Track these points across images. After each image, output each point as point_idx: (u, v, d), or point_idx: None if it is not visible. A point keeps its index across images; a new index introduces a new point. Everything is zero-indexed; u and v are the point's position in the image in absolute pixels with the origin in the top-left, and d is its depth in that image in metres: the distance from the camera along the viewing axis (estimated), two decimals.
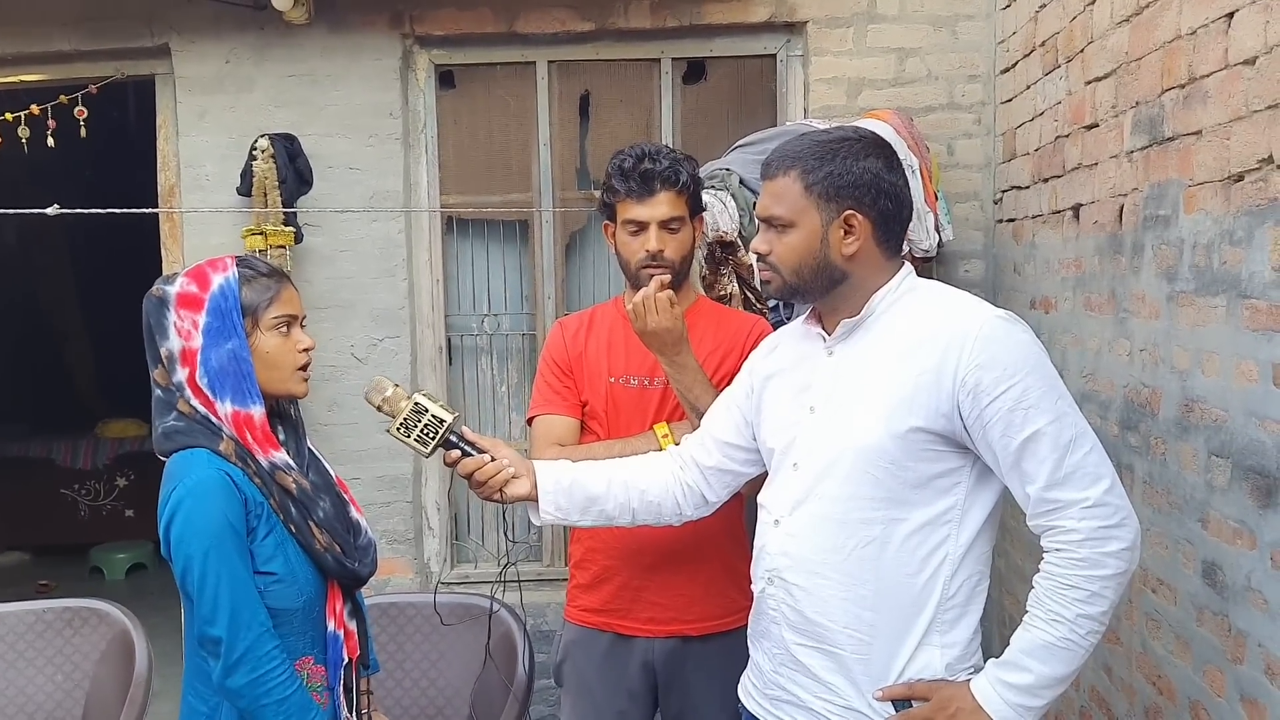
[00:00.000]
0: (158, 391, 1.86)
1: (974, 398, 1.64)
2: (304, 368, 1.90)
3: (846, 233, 1.74)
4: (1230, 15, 1.96)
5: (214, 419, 1.82)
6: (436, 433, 1.91)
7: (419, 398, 1.92)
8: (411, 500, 3.88)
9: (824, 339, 1.83)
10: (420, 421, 1.91)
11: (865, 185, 1.73)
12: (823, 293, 1.79)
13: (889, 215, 1.76)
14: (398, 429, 1.92)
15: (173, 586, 1.82)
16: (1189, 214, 2.15)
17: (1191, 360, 2.14)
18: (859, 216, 1.73)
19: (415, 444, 1.92)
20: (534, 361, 3.95)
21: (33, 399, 7.54)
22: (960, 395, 1.65)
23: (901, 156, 3.21)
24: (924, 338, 1.70)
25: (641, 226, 2.25)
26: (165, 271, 3.87)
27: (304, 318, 1.93)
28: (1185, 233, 2.17)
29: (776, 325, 2.70)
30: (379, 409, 1.94)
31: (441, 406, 1.92)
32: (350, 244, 3.77)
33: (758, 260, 1.84)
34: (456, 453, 1.95)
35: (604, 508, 2.03)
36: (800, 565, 1.78)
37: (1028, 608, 1.66)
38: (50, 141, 3.66)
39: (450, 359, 3.99)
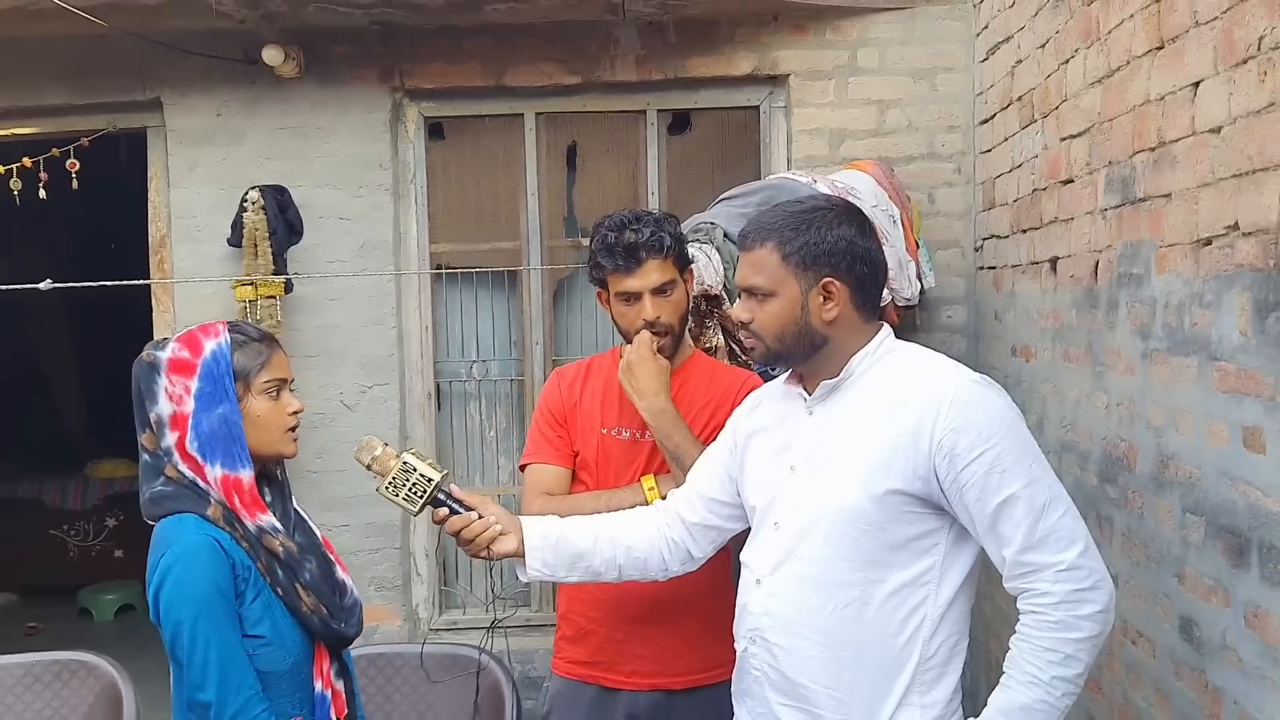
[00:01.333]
0: (145, 456, 1.87)
1: (950, 461, 1.68)
2: (293, 429, 1.93)
3: (826, 299, 1.78)
4: (1196, 85, 2.01)
5: (201, 483, 1.84)
6: (425, 491, 1.94)
7: (407, 456, 1.94)
8: (400, 547, 3.90)
9: (804, 399, 1.87)
10: (409, 480, 1.94)
11: (841, 253, 1.77)
12: (805, 357, 1.83)
13: (865, 279, 1.80)
14: (386, 488, 1.95)
15: None
16: (1160, 274, 2.20)
17: (1165, 417, 2.18)
18: (837, 283, 1.77)
19: (404, 502, 1.95)
20: (522, 407, 3.99)
21: (22, 439, 7.52)
22: (936, 458, 1.69)
23: (882, 206, 3.31)
24: (901, 400, 1.73)
25: (635, 296, 2.28)
26: (155, 319, 3.91)
27: (292, 381, 1.96)
28: (1157, 292, 2.22)
29: (764, 377, 2.74)
30: (368, 468, 1.96)
31: (430, 465, 1.95)
32: (340, 292, 3.81)
33: (741, 328, 1.88)
34: (444, 510, 1.97)
35: (590, 564, 2.05)
36: (781, 625, 1.80)
37: (1005, 669, 1.69)
38: (42, 194, 3.70)
39: (439, 405, 4.02)
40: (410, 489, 1.93)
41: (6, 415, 7.49)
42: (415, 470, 1.93)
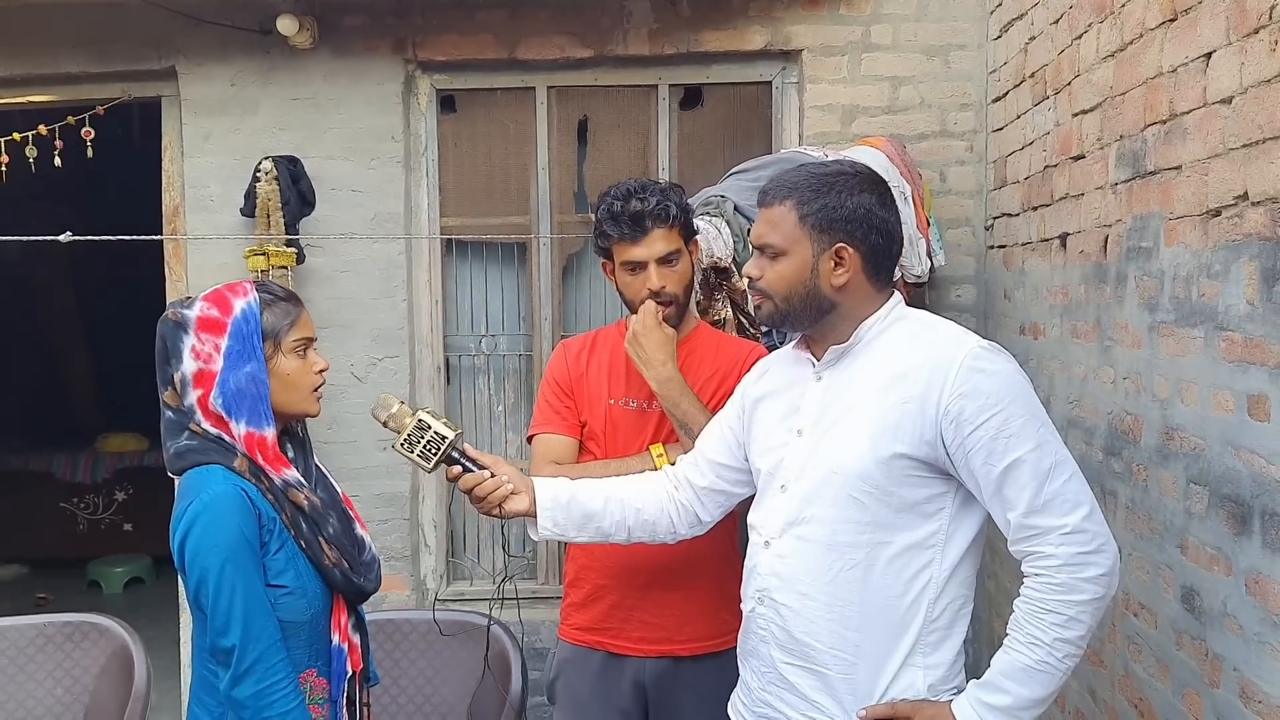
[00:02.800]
0: (169, 413, 1.90)
1: (957, 426, 1.69)
2: (318, 388, 1.97)
3: (837, 264, 1.79)
4: (1208, 55, 2.02)
5: (227, 438, 1.87)
6: (439, 449, 1.96)
7: (423, 415, 1.97)
8: (409, 518, 3.92)
9: (813, 364, 1.88)
10: (423, 438, 1.96)
11: (858, 220, 1.78)
12: (812, 321, 1.84)
13: (879, 249, 1.81)
14: (402, 444, 1.97)
15: (169, 601, 1.87)
16: (1169, 246, 2.21)
17: (1171, 389, 2.19)
18: (849, 249, 1.78)
19: (418, 459, 1.97)
20: (531, 382, 4.01)
21: (33, 413, 7.58)
22: (944, 423, 1.70)
23: (894, 183, 3.30)
24: (910, 366, 1.75)
25: (640, 266, 2.30)
26: (168, 288, 3.93)
27: (317, 340, 1.99)
28: (1166, 264, 2.23)
29: (770, 350, 2.76)
30: (384, 425, 1.99)
31: (444, 424, 1.97)
32: (351, 265, 3.83)
33: (750, 285, 1.89)
34: (458, 469, 2.00)
35: (600, 525, 2.07)
36: (788, 586, 1.83)
37: (1008, 630, 1.71)
38: (57, 161, 3.72)
39: (449, 379, 4.04)
40: (425, 446, 1.96)
41: (18, 389, 7.56)
42: (430, 428, 1.95)
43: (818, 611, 1.79)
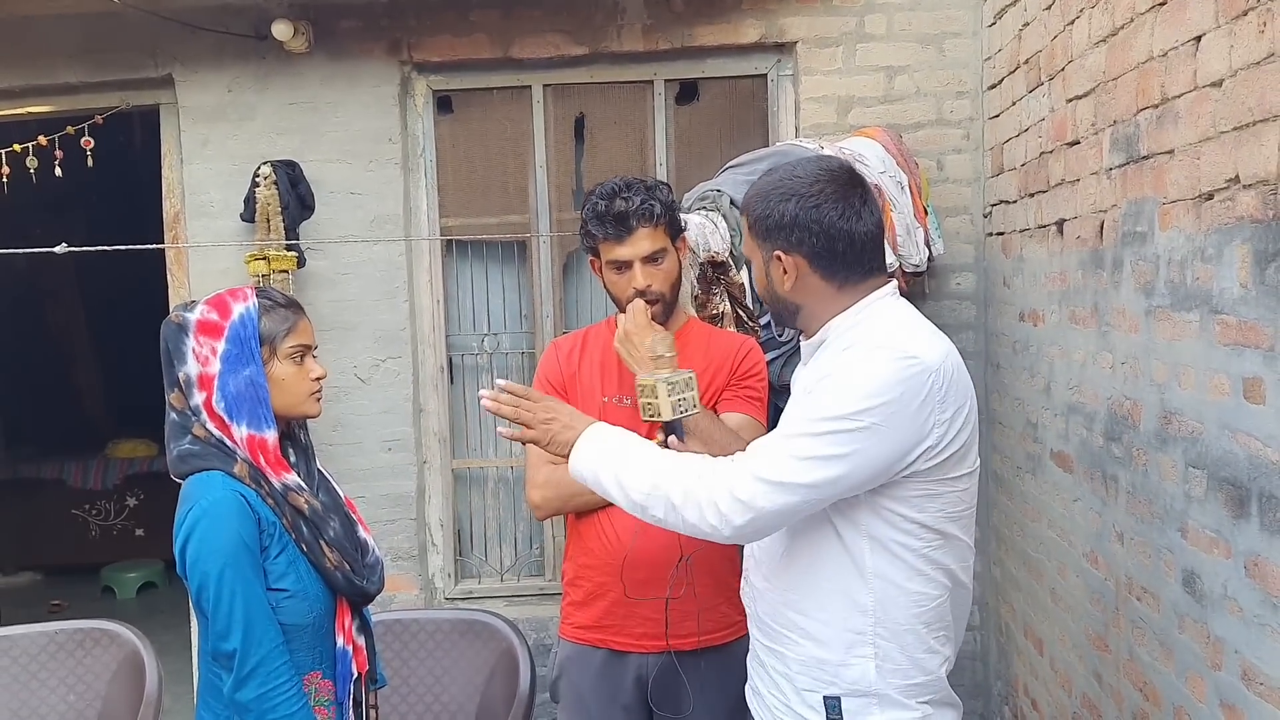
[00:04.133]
0: (173, 415, 1.93)
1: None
2: (315, 393, 1.99)
3: (782, 270, 1.81)
4: (1198, 39, 2.02)
5: (228, 442, 1.90)
6: (651, 416, 2.05)
7: (662, 386, 2.02)
8: (415, 517, 3.94)
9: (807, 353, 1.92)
10: (650, 401, 2.04)
11: (787, 226, 1.78)
12: (789, 319, 1.90)
13: (822, 251, 1.78)
14: (640, 380, 2.09)
15: (182, 605, 1.89)
16: (1164, 231, 2.21)
17: (1169, 374, 2.19)
18: (786, 256, 1.80)
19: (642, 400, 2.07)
20: (533, 379, 4.01)
21: (43, 420, 7.62)
22: None
23: (890, 173, 3.31)
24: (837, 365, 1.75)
25: (626, 265, 2.30)
26: (171, 295, 3.95)
27: (316, 347, 2.01)
28: (1161, 249, 2.22)
29: (766, 343, 2.77)
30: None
31: (676, 401, 2.01)
32: (352, 267, 3.84)
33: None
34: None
35: None
36: (758, 567, 1.91)
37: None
38: (58, 171, 3.74)
39: (451, 378, 4.05)
40: (646, 403, 2.04)
41: (28, 397, 7.59)
42: (655, 401, 2.02)
43: (778, 596, 1.85)
